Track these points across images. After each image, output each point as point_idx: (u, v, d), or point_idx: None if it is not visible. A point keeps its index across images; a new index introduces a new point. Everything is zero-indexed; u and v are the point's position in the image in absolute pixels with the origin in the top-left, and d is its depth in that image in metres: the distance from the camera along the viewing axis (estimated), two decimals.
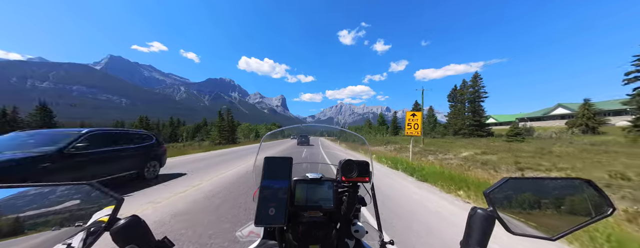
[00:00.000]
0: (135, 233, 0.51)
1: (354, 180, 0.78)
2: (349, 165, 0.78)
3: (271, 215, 0.60)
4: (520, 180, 0.64)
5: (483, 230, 0.55)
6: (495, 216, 0.56)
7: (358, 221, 0.90)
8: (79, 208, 0.49)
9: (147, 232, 0.54)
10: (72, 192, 0.50)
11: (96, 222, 0.48)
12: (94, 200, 0.51)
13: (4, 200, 0.42)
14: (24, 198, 0.44)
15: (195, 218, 3.39)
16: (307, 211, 0.81)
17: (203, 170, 8.02)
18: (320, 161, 1.44)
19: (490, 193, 0.60)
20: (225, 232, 2.87)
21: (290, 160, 0.70)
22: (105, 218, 0.49)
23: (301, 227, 0.77)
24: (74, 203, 0.49)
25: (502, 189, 0.60)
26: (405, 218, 3.65)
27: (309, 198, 0.81)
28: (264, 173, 0.67)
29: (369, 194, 1.03)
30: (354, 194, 0.79)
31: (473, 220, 0.57)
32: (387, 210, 3.96)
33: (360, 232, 0.84)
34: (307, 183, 0.83)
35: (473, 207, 0.59)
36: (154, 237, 0.55)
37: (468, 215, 0.59)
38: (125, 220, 0.51)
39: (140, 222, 0.53)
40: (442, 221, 3.64)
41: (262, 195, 0.63)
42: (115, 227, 0.49)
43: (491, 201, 0.59)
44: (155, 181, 5.97)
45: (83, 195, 0.51)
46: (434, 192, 5.59)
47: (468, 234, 0.57)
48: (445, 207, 4.37)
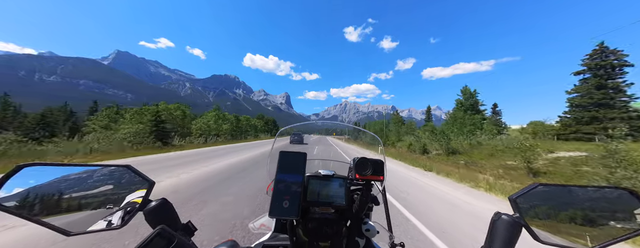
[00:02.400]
0: (165, 215, 0.56)
1: (368, 178, 0.78)
2: (363, 163, 0.78)
3: (285, 207, 0.61)
4: (551, 187, 0.60)
5: (508, 237, 0.52)
6: (521, 223, 0.53)
7: (369, 220, 0.88)
8: (117, 189, 0.56)
9: (175, 214, 0.58)
10: (112, 174, 0.58)
11: (130, 202, 0.55)
12: (130, 182, 0.58)
13: (55, 181, 0.50)
14: (72, 180, 0.52)
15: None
16: (318, 207, 0.81)
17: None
18: (332, 158, 1.45)
19: (516, 199, 0.56)
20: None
21: (305, 155, 0.70)
22: (139, 200, 0.56)
23: (312, 222, 0.77)
24: (113, 185, 0.56)
25: (530, 195, 0.57)
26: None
27: (321, 194, 0.80)
28: (279, 167, 0.68)
29: (380, 193, 1.01)
30: (367, 192, 0.79)
31: (497, 225, 0.54)
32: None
33: (371, 231, 0.83)
34: (320, 179, 0.83)
35: (497, 212, 0.56)
36: (180, 220, 0.59)
37: (491, 220, 0.56)
38: (156, 202, 0.56)
39: (169, 205, 0.57)
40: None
41: (276, 188, 0.64)
42: (148, 207, 0.55)
43: (518, 207, 0.56)
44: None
45: (121, 177, 0.58)
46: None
47: (491, 240, 0.54)
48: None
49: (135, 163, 7.48)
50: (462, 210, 4.92)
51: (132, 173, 0.58)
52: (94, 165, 0.56)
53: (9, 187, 0.44)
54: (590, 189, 0.60)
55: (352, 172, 0.84)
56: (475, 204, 5.32)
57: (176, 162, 9.72)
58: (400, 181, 7.61)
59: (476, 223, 4.05)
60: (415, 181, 7.88)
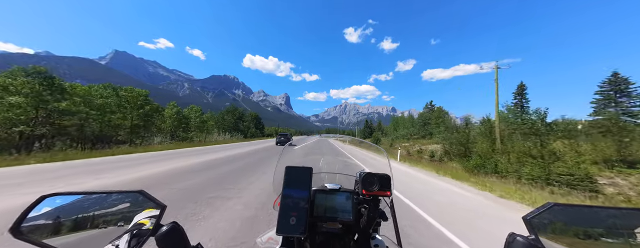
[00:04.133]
0: (175, 239, 0.55)
1: (375, 194, 0.77)
2: (369, 179, 0.76)
3: (292, 224, 0.61)
4: (567, 207, 0.57)
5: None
6: (539, 246, 0.51)
7: (378, 235, 0.88)
8: (131, 214, 0.57)
9: (184, 238, 0.58)
10: (126, 199, 0.58)
11: (137, 224, 0.55)
12: (140, 205, 0.59)
13: (75, 209, 0.52)
14: (89, 207, 0.54)
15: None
16: (325, 222, 0.80)
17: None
18: (337, 171, 1.40)
19: (531, 219, 0.54)
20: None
21: (310, 170, 0.70)
22: (145, 221, 0.56)
23: (319, 237, 0.76)
24: (127, 210, 0.57)
25: (545, 215, 0.54)
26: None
27: (328, 209, 0.80)
28: (286, 182, 0.67)
29: (388, 207, 0.98)
30: (375, 208, 0.77)
31: (512, 247, 0.52)
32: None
33: (379, 247, 0.82)
34: (326, 193, 0.83)
35: (511, 233, 0.54)
36: (190, 243, 0.60)
37: (505, 241, 0.54)
38: (167, 226, 0.55)
39: (179, 229, 0.57)
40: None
41: (283, 203, 0.63)
42: (160, 233, 0.54)
43: (533, 228, 0.53)
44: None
45: (134, 202, 0.59)
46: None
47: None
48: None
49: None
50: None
51: (144, 198, 0.59)
52: (109, 192, 0.58)
53: (33, 217, 0.47)
54: (610, 211, 0.56)
55: (358, 185, 0.82)
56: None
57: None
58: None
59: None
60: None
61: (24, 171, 6.88)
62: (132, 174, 6.84)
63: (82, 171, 7.22)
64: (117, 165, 8.56)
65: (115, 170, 7.39)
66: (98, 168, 7.83)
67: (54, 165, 8.07)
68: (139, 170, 7.49)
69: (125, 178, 6.35)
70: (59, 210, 0.51)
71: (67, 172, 6.92)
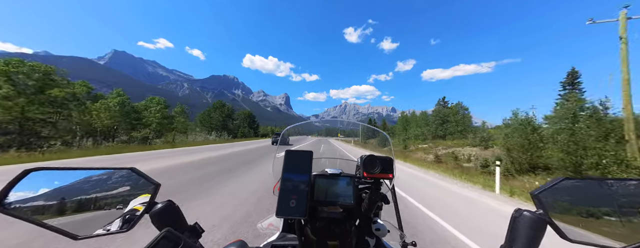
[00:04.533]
0: (171, 217, 0.55)
1: (377, 177, 0.77)
2: (371, 161, 0.76)
3: (292, 207, 0.61)
4: (577, 181, 0.55)
5: (532, 235, 0.49)
6: (547, 220, 0.50)
7: (379, 219, 0.88)
8: (123, 192, 0.56)
9: (181, 216, 0.57)
10: (116, 177, 0.57)
11: (136, 204, 0.55)
12: (136, 184, 0.58)
13: (62, 185, 0.50)
14: (77, 184, 0.52)
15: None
16: (326, 206, 0.80)
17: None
18: (338, 157, 1.39)
19: (539, 195, 0.53)
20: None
21: (311, 153, 0.69)
22: (139, 207, 0.55)
23: (320, 222, 0.77)
24: (118, 188, 0.56)
25: (554, 190, 0.53)
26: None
27: (329, 193, 0.80)
28: (285, 166, 0.67)
29: (389, 192, 0.98)
30: (377, 191, 0.78)
31: (518, 222, 0.51)
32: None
33: (381, 231, 0.83)
34: (327, 178, 0.83)
35: (518, 209, 0.53)
36: (186, 221, 0.58)
37: (511, 216, 0.52)
38: (162, 204, 0.55)
39: (175, 207, 0.57)
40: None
41: (283, 187, 0.64)
42: (154, 210, 0.54)
43: (541, 203, 0.52)
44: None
45: (126, 180, 0.58)
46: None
47: (512, 238, 0.51)
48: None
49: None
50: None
51: (137, 176, 0.58)
52: (99, 169, 0.55)
53: (17, 191, 0.45)
54: (625, 183, 0.54)
55: (359, 170, 0.82)
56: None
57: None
58: None
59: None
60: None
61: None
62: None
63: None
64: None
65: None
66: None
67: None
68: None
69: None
70: (54, 190, 0.48)
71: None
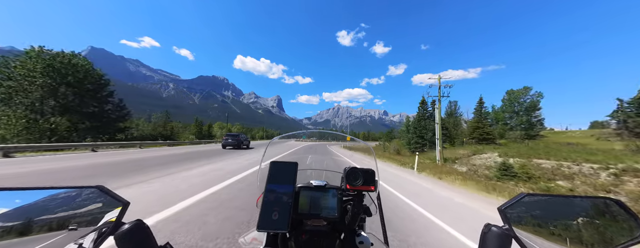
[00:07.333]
0: (139, 239, 0.51)
1: (359, 189, 0.77)
2: (353, 173, 0.76)
3: (274, 219, 0.58)
4: (538, 197, 0.59)
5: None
6: (511, 234, 0.53)
7: (363, 232, 0.86)
8: (89, 211, 0.51)
9: (150, 237, 0.53)
10: (81, 195, 0.52)
11: (106, 223, 0.50)
12: (105, 203, 0.53)
13: (27, 205, 0.45)
14: (37, 204, 0.46)
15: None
16: (310, 219, 0.78)
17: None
18: (324, 168, 1.37)
19: (505, 210, 0.56)
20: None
21: (296, 165, 0.68)
22: (114, 220, 0.51)
23: (304, 235, 0.75)
24: (83, 207, 0.51)
25: (518, 206, 0.57)
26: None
27: (313, 206, 0.78)
28: (269, 177, 0.66)
29: (374, 204, 0.97)
30: (359, 203, 0.77)
31: (487, 238, 0.54)
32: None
33: (365, 244, 0.81)
34: (312, 190, 0.81)
35: (487, 224, 0.56)
36: (156, 242, 0.54)
37: (481, 232, 0.55)
38: (129, 224, 0.50)
39: (144, 227, 0.52)
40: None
41: (266, 199, 0.62)
42: (120, 231, 0.49)
43: (507, 218, 0.55)
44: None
45: (92, 198, 0.52)
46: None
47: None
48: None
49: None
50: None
51: (104, 194, 0.52)
52: (60, 188, 0.48)
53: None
54: (578, 199, 0.60)
55: (343, 182, 0.81)
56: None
57: None
58: None
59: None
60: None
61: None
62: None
63: None
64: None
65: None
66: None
67: None
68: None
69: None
70: (16, 210, 0.43)
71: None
